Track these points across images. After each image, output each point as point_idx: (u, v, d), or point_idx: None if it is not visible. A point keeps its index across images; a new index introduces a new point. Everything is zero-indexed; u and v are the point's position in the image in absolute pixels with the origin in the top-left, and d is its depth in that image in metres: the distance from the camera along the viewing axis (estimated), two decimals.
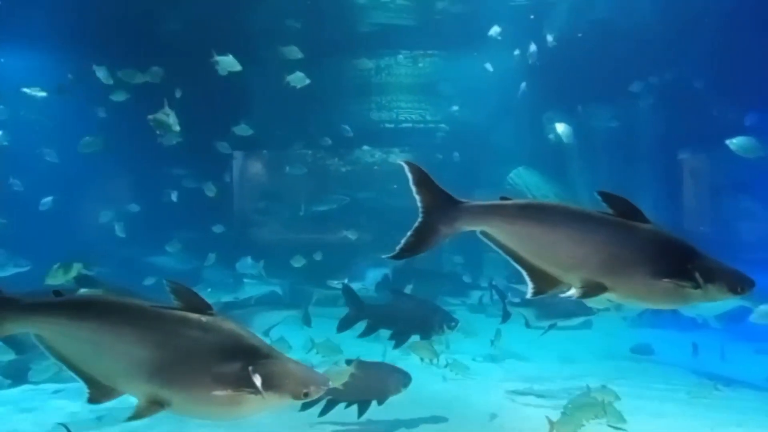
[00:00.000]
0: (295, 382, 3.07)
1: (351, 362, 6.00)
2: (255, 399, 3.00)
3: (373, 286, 13.24)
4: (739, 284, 3.07)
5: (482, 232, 3.26)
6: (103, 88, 11.27)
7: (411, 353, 7.55)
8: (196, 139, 11.53)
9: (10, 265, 10.30)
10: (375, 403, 6.18)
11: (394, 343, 7.17)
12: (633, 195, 3.19)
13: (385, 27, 14.90)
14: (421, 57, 16.55)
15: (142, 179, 14.34)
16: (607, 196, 3.16)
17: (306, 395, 3.09)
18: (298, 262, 12.33)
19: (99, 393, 3.16)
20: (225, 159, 15.44)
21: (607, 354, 10.42)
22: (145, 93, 10.78)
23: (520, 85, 14.57)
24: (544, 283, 3.23)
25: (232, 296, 12.30)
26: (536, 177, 14.66)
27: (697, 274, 3.04)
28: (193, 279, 11.96)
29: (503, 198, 3.27)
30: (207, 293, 3.25)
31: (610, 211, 3.17)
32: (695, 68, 13.04)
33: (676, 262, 3.07)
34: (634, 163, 13.87)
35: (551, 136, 13.63)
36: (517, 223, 3.19)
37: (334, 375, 5.52)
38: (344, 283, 8.26)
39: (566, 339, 10.19)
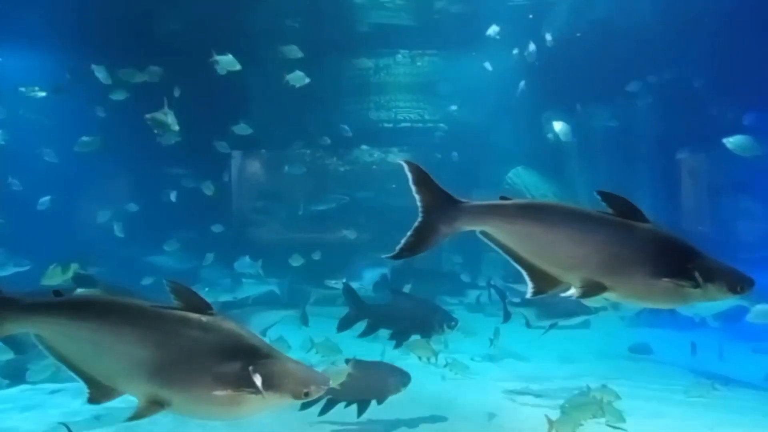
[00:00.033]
0: (296, 382, 3.07)
1: (349, 361, 6.01)
2: (255, 399, 3.00)
3: (371, 286, 13.23)
4: (739, 284, 3.07)
5: (482, 232, 3.26)
6: (102, 88, 11.26)
7: (410, 353, 7.56)
8: (195, 138, 11.49)
9: (10, 265, 10.30)
10: (374, 402, 6.18)
11: (394, 343, 7.18)
12: (632, 194, 3.19)
13: (384, 27, 14.87)
14: (420, 56, 16.52)
15: (141, 179, 14.31)
16: (607, 196, 3.16)
17: (306, 395, 3.09)
18: (296, 261, 12.31)
19: (99, 393, 3.16)
20: (224, 158, 15.38)
21: (606, 353, 10.42)
22: (144, 92, 10.77)
23: (519, 84, 14.56)
24: (544, 282, 3.23)
25: (230, 296, 12.30)
26: (535, 177, 14.65)
27: (697, 274, 3.05)
28: (191, 278, 11.94)
29: (503, 198, 3.27)
30: (205, 293, 3.24)
31: (610, 210, 3.17)
32: (694, 68, 13.02)
33: (676, 262, 3.07)
34: (633, 163, 13.87)
35: (550, 135, 13.62)
36: (517, 223, 3.19)
37: (333, 374, 5.52)
38: (345, 283, 8.26)
39: (565, 339, 10.19)
